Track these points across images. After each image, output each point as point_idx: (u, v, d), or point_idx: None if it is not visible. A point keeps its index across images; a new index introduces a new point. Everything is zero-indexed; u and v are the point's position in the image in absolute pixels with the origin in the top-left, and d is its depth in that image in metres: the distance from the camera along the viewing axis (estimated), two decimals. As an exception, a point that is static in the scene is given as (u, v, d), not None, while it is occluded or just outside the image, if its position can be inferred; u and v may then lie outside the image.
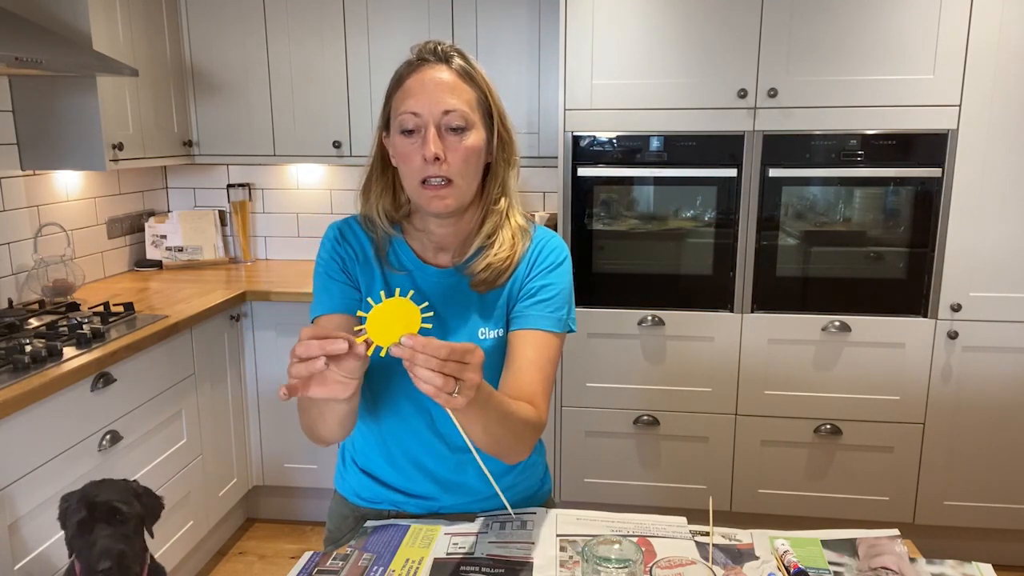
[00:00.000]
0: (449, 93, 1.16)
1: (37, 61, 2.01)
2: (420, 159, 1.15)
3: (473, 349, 0.94)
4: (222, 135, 3.06)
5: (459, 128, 1.16)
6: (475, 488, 1.29)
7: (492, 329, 1.24)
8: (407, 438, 1.28)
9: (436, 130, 1.14)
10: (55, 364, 1.92)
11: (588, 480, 2.80)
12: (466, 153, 1.17)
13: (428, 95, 1.15)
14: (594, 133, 2.58)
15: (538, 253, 1.26)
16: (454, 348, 0.91)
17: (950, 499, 2.63)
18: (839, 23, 2.40)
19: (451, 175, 1.16)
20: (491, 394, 1.04)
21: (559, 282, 1.25)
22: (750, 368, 2.64)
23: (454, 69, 1.18)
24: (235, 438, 2.81)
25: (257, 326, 2.83)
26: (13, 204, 2.54)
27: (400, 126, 1.16)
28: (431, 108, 1.15)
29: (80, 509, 1.52)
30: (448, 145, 1.15)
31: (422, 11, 2.86)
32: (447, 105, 1.15)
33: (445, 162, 1.15)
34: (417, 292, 1.18)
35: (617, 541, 1.01)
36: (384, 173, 1.26)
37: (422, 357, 0.89)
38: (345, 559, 1.15)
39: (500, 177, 1.26)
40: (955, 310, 2.49)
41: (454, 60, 1.19)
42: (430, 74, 1.17)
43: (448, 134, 1.16)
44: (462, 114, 1.16)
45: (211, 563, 2.73)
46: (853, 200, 2.54)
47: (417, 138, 1.15)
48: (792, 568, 1.09)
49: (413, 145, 1.15)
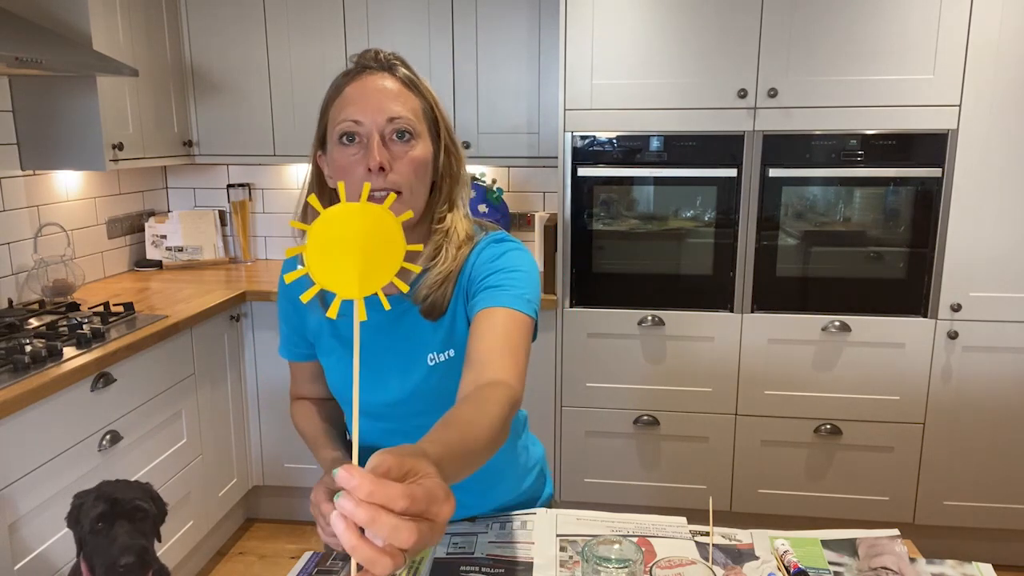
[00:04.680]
0: (393, 100, 1.07)
1: (37, 61, 2.01)
2: (363, 170, 1.05)
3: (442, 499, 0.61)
4: (222, 135, 3.06)
5: (405, 133, 1.06)
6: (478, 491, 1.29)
7: (442, 352, 1.14)
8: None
9: (380, 138, 1.05)
10: (55, 364, 1.92)
11: (588, 480, 2.80)
12: (413, 163, 1.07)
13: (370, 102, 1.06)
14: (594, 133, 2.58)
15: (478, 255, 1.14)
16: (415, 497, 0.58)
17: (950, 499, 2.63)
18: (839, 23, 2.40)
19: (397, 186, 1.05)
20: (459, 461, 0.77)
21: (511, 264, 1.11)
22: (750, 368, 2.64)
23: (398, 77, 1.10)
24: (235, 438, 2.81)
25: (257, 326, 2.83)
26: (13, 204, 2.54)
27: (339, 135, 1.06)
28: (374, 115, 1.05)
29: (98, 505, 1.52)
30: (394, 154, 1.06)
31: (422, 11, 2.86)
32: (392, 112, 1.06)
33: (391, 171, 1.05)
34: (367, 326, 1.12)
35: (617, 541, 1.01)
36: (322, 195, 1.13)
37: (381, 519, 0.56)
38: (345, 559, 1.15)
39: (446, 193, 1.15)
40: (955, 310, 2.49)
41: (398, 68, 1.11)
42: (372, 82, 1.08)
43: (393, 143, 1.06)
44: (407, 122, 1.07)
45: (211, 563, 2.73)
46: (853, 200, 2.54)
47: (359, 148, 1.06)
48: (792, 568, 1.09)
49: (355, 156, 1.06)
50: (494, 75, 2.87)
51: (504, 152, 2.89)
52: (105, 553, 1.51)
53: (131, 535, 1.53)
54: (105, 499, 1.53)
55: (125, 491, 1.57)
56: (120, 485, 1.60)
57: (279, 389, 2.84)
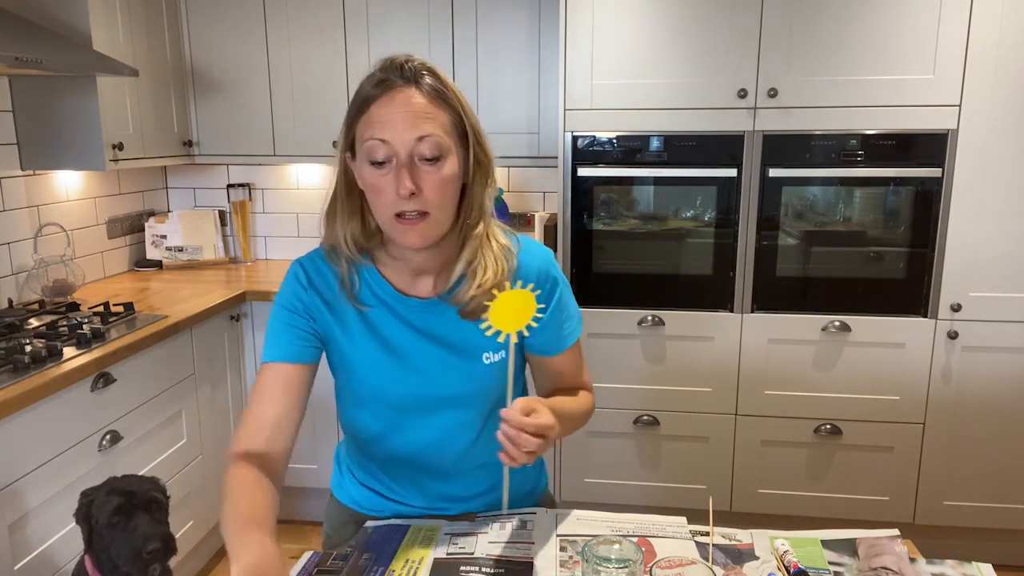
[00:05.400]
0: (421, 118, 1.06)
1: (37, 61, 2.01)
2: (393, 193, 1.06)
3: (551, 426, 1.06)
4: (222, 135, 3.06)
5: (434, 157, 1.07)
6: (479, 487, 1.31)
7: (495, 352, 1.20)
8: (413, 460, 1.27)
9: (408, 161, 1.06)
10: (55, 364, 1.92)
11: (588, 480, 2.80)
12: (442, 183, 1.08)
13: (398, 122, 1.05)
14: (594, 133, 2.58)
15: (536, 275, 1.20)
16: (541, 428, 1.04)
17: (950, 499, 2.63)
18: (839, 23, 2.40)
19: (427, 207, 1.08)
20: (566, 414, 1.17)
21: (563, 297, 1.24)
22: (750, 368, 2.64)
23: (425, 90, 1.07)
24: (235, 438, 2.81)
25: (257, 326, 2.83)
26: (13, 204, 2.54)
27: (368, 156, 1.07)
28: (402, 136, 1.05)
29: (112, 499, 1.54)
30: (422, 176, 1.06)
31: (422, 11, 2.86)
32: (420, 131, 1.05)
33: (421, 194, 1.06)
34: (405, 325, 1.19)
35: (617, 541, 1.01)
36: (350, 196, 1.15)
37: (523, 437, 1.03)
38: (345, 559, 1.15)
39: (477, 200, 1.16)
40: (955, 310, 2.49)
41: (424, 79, 1.08)
42: (399, 98, 1.06)
43: (422, 163, 1.07)
44: (436, 141, 1.06)
45: (211, 563, 2.73)
46: (853, 200, 2.54)
47: (388, 169, 1.06)
48: (792, 568, 1.09)
49: (384, 177, 1.07)
50: (494, 75, 2.87)
51: (504, 152, 2.89)
52: (127, 544, 1.53)
53: (152, 524, 1.56)
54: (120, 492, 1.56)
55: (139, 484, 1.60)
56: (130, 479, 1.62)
57: (279, 389, 2.84)
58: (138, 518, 1.56)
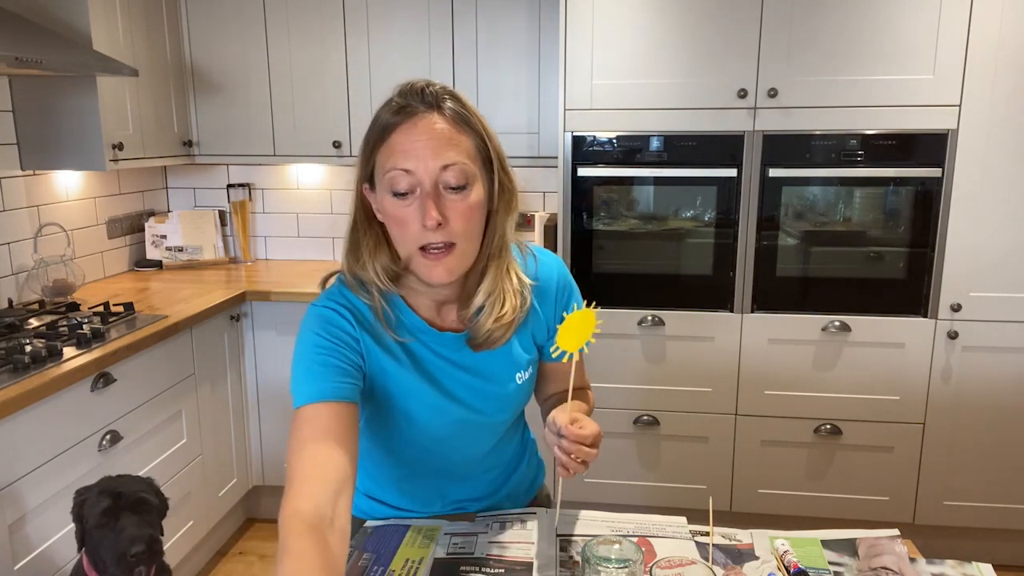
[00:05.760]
0: (445, 145, 1.01)
1: (37, 61, 2.01)
2: (418, 226, 1.02)
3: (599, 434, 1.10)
4: (222, 135, 3.06)
5: (459, 187, 1.03)
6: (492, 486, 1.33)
7: (525, 371, 1.22)
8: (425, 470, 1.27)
9: (433, 190, 1.02)
10: (55, 364, 1.92)
11: (588, 480, 2.80)
12: (469, 213, 1.04)
13: (421, 150, 1.01)
14: (594, 133, 2.58)
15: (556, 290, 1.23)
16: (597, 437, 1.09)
17: (950, 499, 2.63)
18: (839, 23, 2.40)
19: (454, 238, 1.04)
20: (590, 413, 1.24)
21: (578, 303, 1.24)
22: (750, 368, 2.64)
23: (447, 115, 1.03)
24: (235, 438, 2.81)
25: (257, 326, 2.83)
26: (13, 204, 2.53)
27: (391, 187, 1.02)
28: (427, 164, 1.01)
29: (103, 499, 1.54)
30: (448, 206, 1.02)
31: (422, 11, 2.86)
32: (445, 159, 1.01)
33: (447, 224, 1.02)
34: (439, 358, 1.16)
35: (617, 541, 1.01)
36: (371, 228, 1.11)
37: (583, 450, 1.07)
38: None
39: (500, 229, 1.13)
40: (955, 310, 2.49)
41: (446, 104, 1.04)
42: (421, 125, 1.02)
43: (447, 193, 1.02)
44: (461, 168, 1.02)
45: (211, 563, 2.73)
46: (853, 200, 2.54)
47: (412, 200, 1.02)
48: (792, 568, 1.09)
49: (408, 208, 1.02)
50: (494, 75, 2.87)
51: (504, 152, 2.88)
52: (114, 545, 1.53)
53: (138, 526, 1.56)
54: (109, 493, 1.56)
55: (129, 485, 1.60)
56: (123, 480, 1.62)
57: (279, 389, 2.84)
58: (125, 519, 1.55)
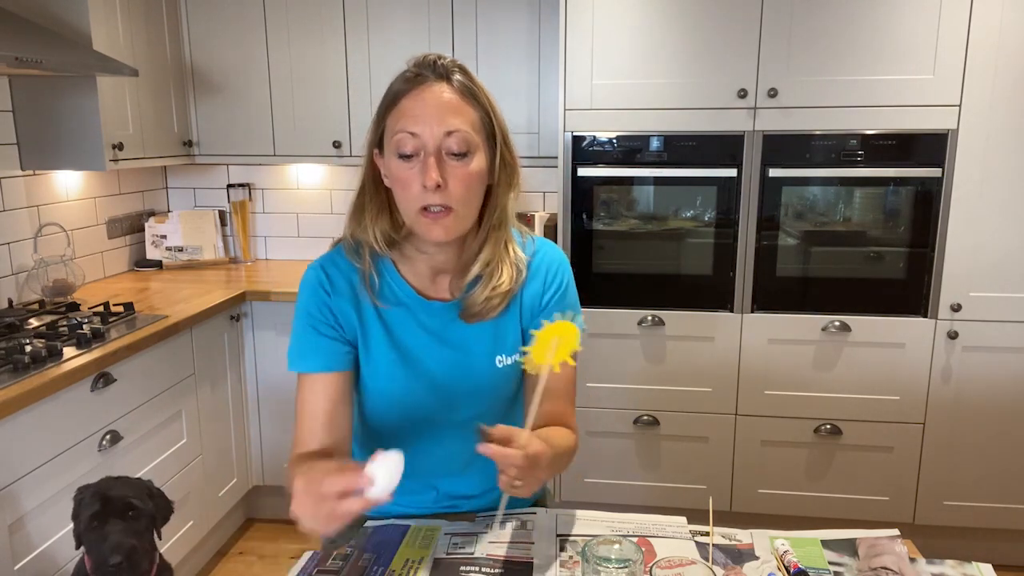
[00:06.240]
0: (451, 113, 1.08)
1: (37, 61, 2.01)
2: (419, 186, 1.08)
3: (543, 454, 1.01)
4: (222, 135, 3.06)
5: (461, 153, 1.09)
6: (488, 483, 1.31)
7: (508, 356, 1.21)
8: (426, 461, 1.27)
9: (436, 154, 1.08)
10: (55, 364, 1.92)
11: (588, 480, 2.80)
12: (468, 180, 1.10)
13: (428, 115, 1.07)
14: (594, 133, 2.58)
15: (545, 270, 1.24)
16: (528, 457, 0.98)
17: (950, 499, 2.63)
18: (839, 23, 2.40)
19: (451, 203, 1.09)
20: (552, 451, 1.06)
21: (571, 301, 1.25)
22: (750, 368, 2.64)
23: (455, 87, 1.10)
24: (235, 438, 2.81)
25: (257, 326, 2.83)
26: (13, 204, 2.54)
27: (397, 148, 1.09)
28: (431, 129, 1.07)
29: (94, 502, 1.53)
30: (449, 171, 1.08)
31: (422, 11, 2.86)
32: (449, 126, 1.07)
33: (446, 188, 1.08)
34: (421, 328, 1.20)
35: (617, 541, 1.01)
36: (377, 193, 1.18)
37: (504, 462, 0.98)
38: (345, 559, 1.15)
39: (501, 202, 1.18)
40: (955, 310, 2.49)
41: (455, 76, 1.11)
42: (429, 92, 1.09)
43: (449, 159, 1.08)
44: (464, 136, 1.08)
45: (211, 563, 2.73)
46: (853, 200, 2.54)
47: (416, 162, 1.08)
48: (792, 568, 1.09)
49: (411, 170, 1.08)
50: (494, 75, 2.87)
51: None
52: (98, 552, 1.52)
53: (123, 534, 1.53)
54: (99, 497, 1.54)
55: (121, 488, 1.58)
56: (118, 482, 1.61)
57: (279, 389, 2.84)
58: (112, 526, 1.53)
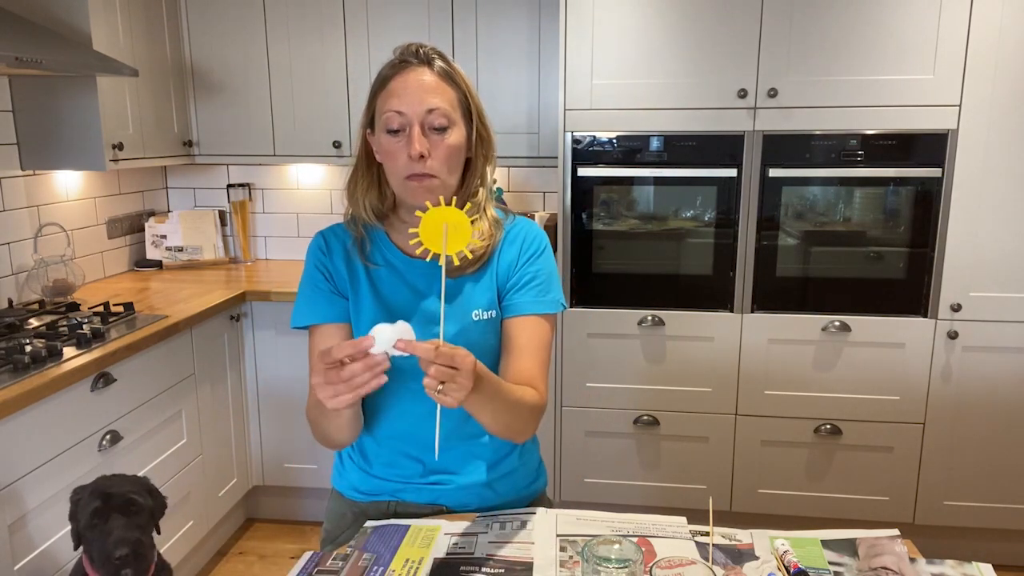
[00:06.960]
0: (431, 93, 1.22)
1: (37, 61, 2.01)
2: (405, 157, 1.21)
3: (464, 355, 1.01)
4: (222, 135, 3.06)
5: (441, 128, 1.22)
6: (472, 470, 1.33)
7: (485, 311, 1.30)
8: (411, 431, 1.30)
9: (420, 128, 1.21)
10: (55, 364, 1.92)
11: (588, 480, 2.80)
12: (448, 151, 1.23)
13: (412, 95, 1.21)
14: (594, 133, 2.58)
15: (522, 239, 1.33)
16: (441, 352, 0.99)
17: (950, 499, 2.63)
18: (839, 23, 2.40)
19: (434, 171, 1.22)
20: (498, 387, 1.13)
21: (545, 266, 1.33)
22: (750, 368, 2.64)
23: (435, 71, 1.24)
24: (235, 438, 2.81)
25: (257, 326, 2.83)
26: (13, 204, 2.54)
27: (385, 125, 1.22)
28: (415, 107, 1.21)
29: (94, 500, 1.54)
30: (431, 143, 1.22)
31: (422, 11, 2.86)
32: (430, 104, 1.21)
33: (429, 158, 1.21)
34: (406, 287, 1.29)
35: (617, 541, 1.01)
36: (369, 169, 1.32)
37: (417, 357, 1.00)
38: (345, 559, 1.15)
39: (479, 170, 1.32)
40: (955, 310, 2.49)
41: (435, 62, 1.25)
42: (413, 75, 1.23)
43: (431, 133, 1.22)
44: (444, 112, 1.22)
45: (211, 563, 2.74)
46: (853, 200, 2.54)
47: (402, 137, 1.22)
48: (792, 568, 1.09)
49: (398, 144, 1.22)
50: (494, 75, 2.87)
51: (504, 152, 2.88)
52: (101, 547, 1.53)
53: (126, 528, 1.55)
54: (99, 495, 1.55)
55: (119, 485, 1.59)
56: (115, 479, 1.62)
57: (279, 389, 2.84)
58: (114, 521, 1.55)
